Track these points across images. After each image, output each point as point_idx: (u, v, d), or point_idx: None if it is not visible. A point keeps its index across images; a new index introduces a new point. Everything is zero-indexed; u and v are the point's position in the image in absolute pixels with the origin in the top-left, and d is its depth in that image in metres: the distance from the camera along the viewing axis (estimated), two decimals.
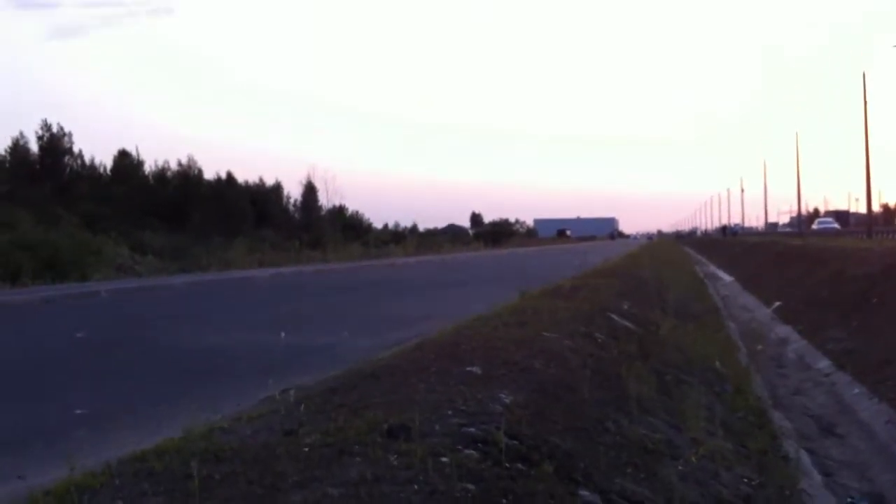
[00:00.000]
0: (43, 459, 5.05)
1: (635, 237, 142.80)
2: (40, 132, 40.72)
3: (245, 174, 67.21)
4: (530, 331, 9.29)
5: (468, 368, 6.89)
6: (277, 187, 55.61)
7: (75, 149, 41.91)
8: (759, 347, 14.14)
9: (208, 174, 48.54)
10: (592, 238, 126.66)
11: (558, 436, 5.09)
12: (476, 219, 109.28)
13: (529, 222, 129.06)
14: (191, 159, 47.60)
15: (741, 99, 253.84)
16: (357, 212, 64.67)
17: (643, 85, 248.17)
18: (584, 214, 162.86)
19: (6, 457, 5.30)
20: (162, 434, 5.15)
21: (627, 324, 11.61)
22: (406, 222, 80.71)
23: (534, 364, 7.20)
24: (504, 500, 3.87)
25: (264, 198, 52.23)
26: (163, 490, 3.93)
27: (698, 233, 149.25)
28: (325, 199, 57.46)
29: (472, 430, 4.83)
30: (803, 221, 76.64)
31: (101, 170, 44.12)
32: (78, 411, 6.42)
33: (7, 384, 8.07)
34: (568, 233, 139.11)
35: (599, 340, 9.43)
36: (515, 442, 4.71)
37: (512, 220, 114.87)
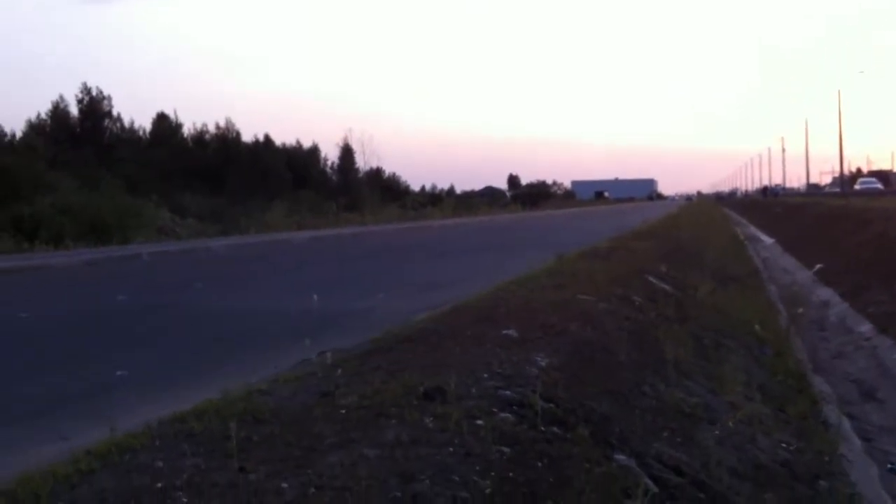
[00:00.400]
0: (85, 420, 5.13)
1: (673, 198, 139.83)
2: (80, 96, 41.15)
3: (283, 136, 67.42)
4: (567, 293, 9.26)
5: (504, 331, 6.89)
6: (315, 150, 55.80)
7: (115, 112, 42.30)
8: (800, 311, 13.98)
9: (246, 137, 48.81)
10: (631, 200, 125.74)
11: (594, 399, 5.08)
12: (513, 181, 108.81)
13: (567, 184, 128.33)
14: (229, 122, 47.89)
15: (782, 57, 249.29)
16: (394, 174, 64.78)
17: (681, 41, 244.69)
18: (623, 176, 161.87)
19: (50, 418, 5.40)
20: (201, 396, 5.21)
21: (665, 286, 11.53)
22: (443, 184, 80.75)
23: (570, 327, 7.19)
24: (539, 464, 3.88)
25: (302, 160, 52.41)
26: (202, 451, 3.98)
27: (738, 194, 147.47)
28: (363, 162, 57.58)
29: (508, 393, 4.84)
30: (846, 182, 75.42)
31: (141, 133, 44.54)
32: (119, 373, 6.52)
33: (50, 346, 8.21)
34: (606, 194, 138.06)
35: (637, 303, 9.38)
36: (551, 405, 4.71)
37: (549, 182, 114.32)
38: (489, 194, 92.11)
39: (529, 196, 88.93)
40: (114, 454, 3.98)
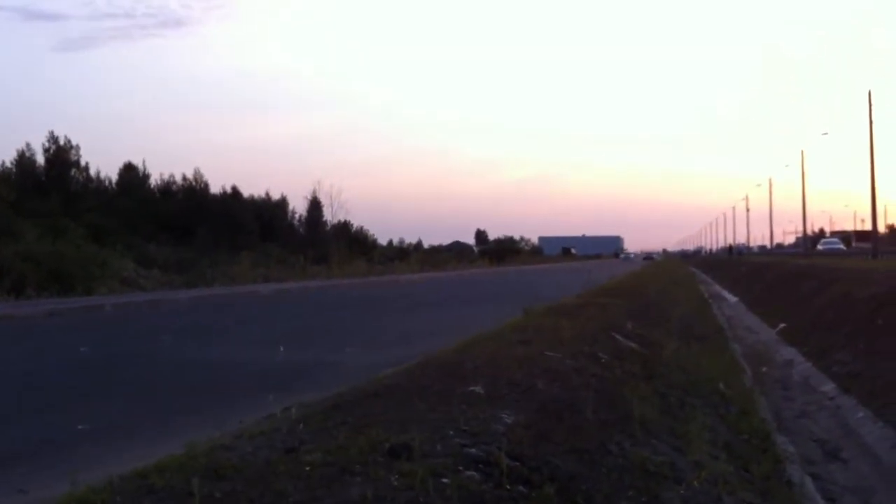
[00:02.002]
0: (45, 474, 5.04)
1: (629, 256, 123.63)
2: (47, 144, 40.93)
3: (251, 188, 67.39)
4: (534, 350, 9.26)
5: (471, 388, 6.86)
6: (283, 202, 55.75)
7: (82, 161, 42.09)
8: (764, 369, 14.09)
9: (214, 188, 48.73)
10: (598, 256, 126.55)
11: (560, 457, 5.07)
12: (481, 236, 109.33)
13: (535, 240, 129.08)
14: (197, 173, 47.82)
15: (745, 114, 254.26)
16: (362, 227, 64.78)
17: (648, 92, 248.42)
18: (590, 232, 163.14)
19: (8, 471, 5.28)
20: (164, 450, 5.14)
21: (632, 344, 11.58)
22: (411, 238, 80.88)
23: (537, 384, 7.18)
24: None
25: (270, 212, 52.34)
26: None
27: (703, 252, 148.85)
28: (330, 215, 57.57)
29: (474, 450, 4.82)
30: (807, 241, 76.54)
31: (107, 182, 44.32)
32: (80, 426, 6.42)
33: (10, 398, 8.07)
34: (573, 251, 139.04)
35: (603, 360, 9.40)
36: (517, 463, 4.69)
37: (517, 237, 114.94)
38: (457, 249, 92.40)
39: (497, 251, 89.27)
40: None
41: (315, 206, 56.78)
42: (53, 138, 41.04)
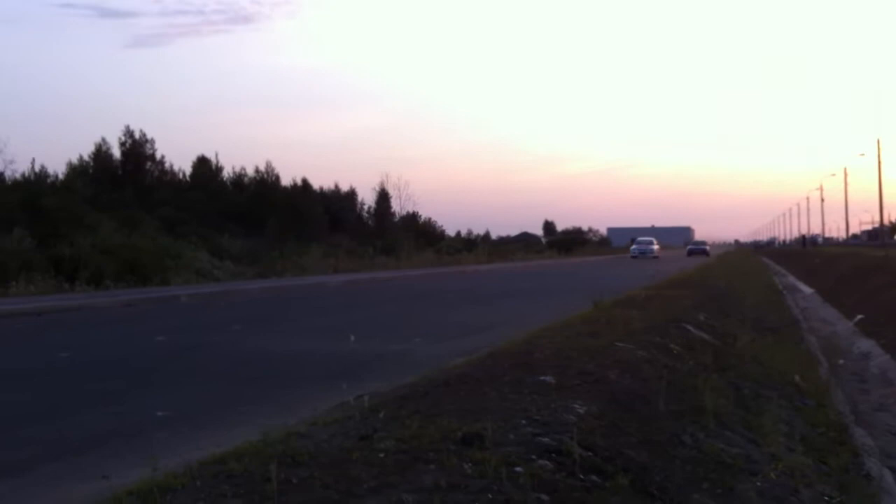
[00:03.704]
0: (126, 460, 5.17)
1: (645, 250, 77.42)
2: (123, 138, 41.90)
3: (320, 180, 68.07)
4: (603, 341, 9.22)
5: (541, 378, 6.87)
6: (351, 194, 56.26)
7: (157, 155, 43.00)
8: (841, 361, 13.78)
9: (285, 180, 49.35)
10: (668, 248, 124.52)
11: (633, 448, 5.04)
12: (549, 227, 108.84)
13: (603, 231, 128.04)
14: (268, 165, 48.48)
15: (818, 104, 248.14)
16: (430, 219, 65.06)
17: (719, 83, 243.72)
18: (659, 223, 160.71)
19: (91, 456, 5.44)
20: (240, 436, 5.25)
21: (703, 335, 11.43)
22: (479, 230, 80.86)
23: (608, 374, 7.15)
24: None
25: (339, 204, 52.84)
26: (242, 492, 4.00)
27: (776, 243, 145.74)
28: (399, 206, 57.93)
29: (546, 440, 4.82)
30: (886, 233, 74.57)
31: (181, 175, 45.21)
32: (159, 413, 6.58)
33: (92, 385, 8.30)
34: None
35: (675, 352, 9.31)
36: (590, 453, 4.68)
37: (585, 228, 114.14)
38: (524, 240, 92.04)
39: (564, 242, 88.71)
40: (155, 494, 4.01)
41: (383, 197, 57.22)
42: (129, 132, 42.03)
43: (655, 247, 64.97)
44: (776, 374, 10.09)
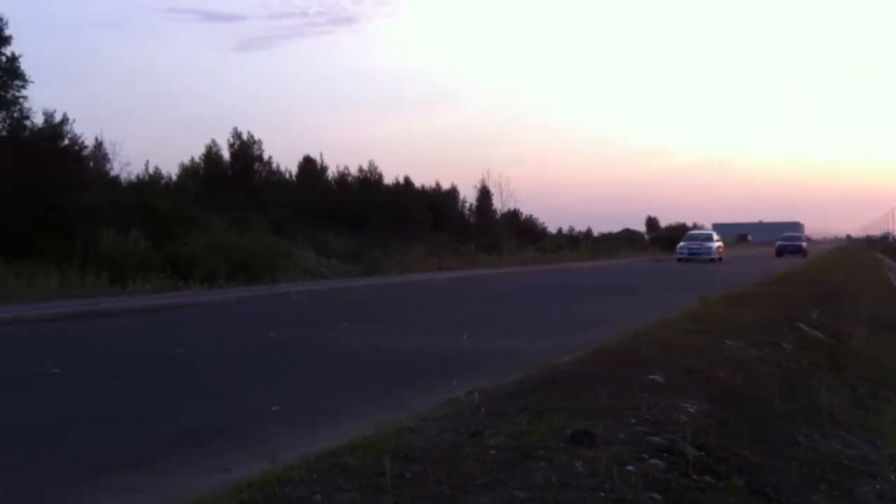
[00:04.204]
0: (244, 452, 5.35)
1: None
2: (231, 140, 43.01)
3: (422, 178, 68.64)
4: (713, 338, 9.07)
5: (650, 376, 6.82)
6: (453, 191, 56.52)
7: (264, 156, 44.02)
8: None
9: (387, 179, 49.92)
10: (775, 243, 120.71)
11: (747, 448, 4.97)
12: (652, 223, 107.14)
13: (708, 227, 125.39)
14: (371, 165, 49.11)
15: None
16: (531, 216, 64.83)
17: (828, 73, 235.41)
18: (767, 218, 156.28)
19: (210, 449, 5.63)
20: (351, 431, 5.37)
21: (817, 333, 11.12)
22: (581, 227, 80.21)
23: (718, 373, 7.05)
24: None
25: (440, 202, 53.16)
26: (357, 486, 4.10)
27: (891, 237, 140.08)
28: (500, 204, 57.90)
29: (657, 439, 4.79)
30: None
31: (288, 175, 46.17)
32: (274, 407, 6.77)
33: (208, 380, 8.59)
34: (749, 238, 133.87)
35: (787, 350, 9.10)
36: (702, 453, 4.63)
37: (689, 224, 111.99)
38: (627, 237, 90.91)
39: (668, 239, 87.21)
40: (274, 486, 4.15)
41: (484, 195, 57.27)
42: (237, 134, 43.10)
43: (715, 244, 46.38)
44: (894, 373, 9.75)
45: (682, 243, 46.97)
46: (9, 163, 22.63)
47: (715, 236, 49.11)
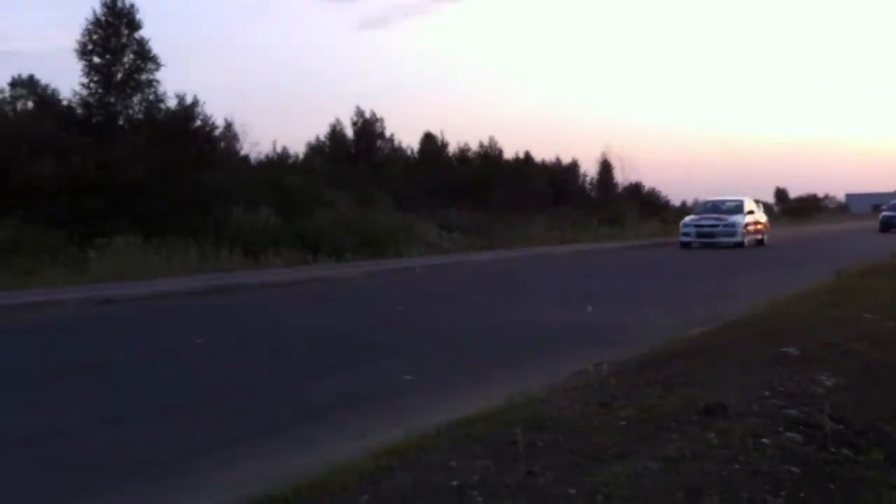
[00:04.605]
0: (379, 420, 5.51)
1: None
2: (354, 118, 43.74)
3: (542, 153, 68.23)
4: (849, 312, 8.81)
5: (783, 349, 6.69)
6: (574, 165, 56.02)
7: (386, 133, 44.63)
8: None
9: (508, 154, 49.88)
10: None
11: (887, 422, 4.84)
12: (781, 194, 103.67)
13: (840, 197, 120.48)
14: (491, 140, 49.12)
15: None
16: (654, 189, 63.68)
17: None
18: None
19: (346, 417, 5.82)
20: (482, 400, 5.48)
21: None
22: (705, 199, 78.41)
23: (855, 346, 6.86)
24: (831, 486, 3.77)
25: (561, 176, 52.78)
26: (490, 453, 4.20)
27: None
28: (621, 177, 57.11)
29: (793, 412, 4.73)
30: None
31: (409, 152, 46.68)
32: (406, 377, 6.94)
33: (342, 351, 8.85)
34: (884, 208, 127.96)
35: None
36: (840, 426, 4.55)
37: (821, 195, 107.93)
38: None
39: (798, 210, 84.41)
40: (410, 453, 4.29)
41: (605, 168, 56.57)
42: (360, 112, 43.80)
43: (744, 219, 29.09)
44: None
45: (688, 218, 30.41)
46: (146, 144, 23.65)
47: (748, 206, 30.11)
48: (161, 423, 5.89)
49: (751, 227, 29.21)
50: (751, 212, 29.84)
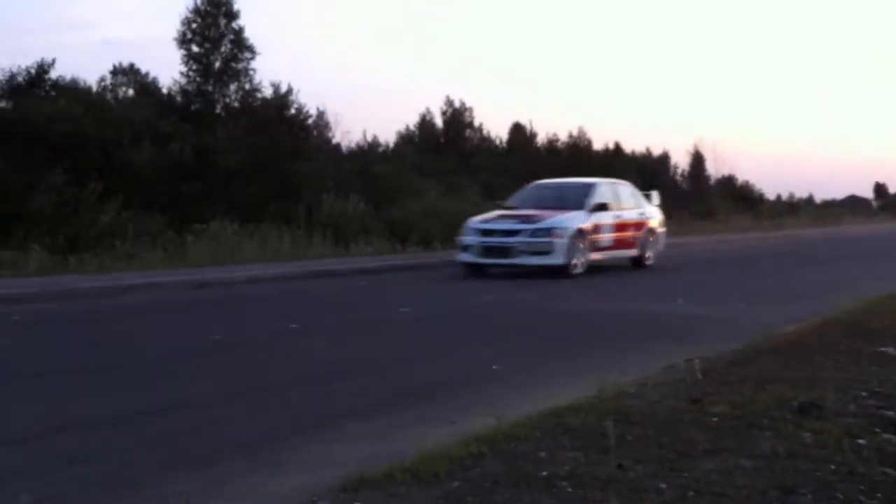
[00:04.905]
0: (468, 408, 5.57)
1: None
2: (444, 108, 43.96)
3: (633, 144, 67.46)
4: None
5: (880, 348, 6.56)
6: (664, 157, 55.26)
7: (475, 123, 44.72)
8: None
9: (597, 145, 49.45)
10: None
11: None
12: (880, 189, 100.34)
13: None
14: (580, 131, 48.77)
15: None
16: (747, 182, 62.36)
17: None
18: None
19: (435, 404, 5.88)
20: (571, 391, 5.50)
21: None
22: (801, 193, 76.37)
23: None
24: None
25: (651, 168, 52.10)
26: (580, 445, 4.24)
27: None
28: (714, 169, 56.10)
29: (891, 413, 4.64)
30: None
31: (498, 142, 46.68)
32: (494, 366, 6.99)
33: (431, 339, 8.93)
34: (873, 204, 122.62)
35: None
36: None
37: None
38: (852, 203, 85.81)
39: None
40: (500, 441, 4.35)
41: (697, 160, 55.63)
42: (449, 102, 43.99)
43: (586, 218, 16.16)
44: None
45: (475, 219, 17.53)
46: (242, 133, 24.21)
47: (601, 194, 17.69)
48: (257, 402, 6.03)
49: (601, 236, 16.65)
50: (602, 206, 17.04)
